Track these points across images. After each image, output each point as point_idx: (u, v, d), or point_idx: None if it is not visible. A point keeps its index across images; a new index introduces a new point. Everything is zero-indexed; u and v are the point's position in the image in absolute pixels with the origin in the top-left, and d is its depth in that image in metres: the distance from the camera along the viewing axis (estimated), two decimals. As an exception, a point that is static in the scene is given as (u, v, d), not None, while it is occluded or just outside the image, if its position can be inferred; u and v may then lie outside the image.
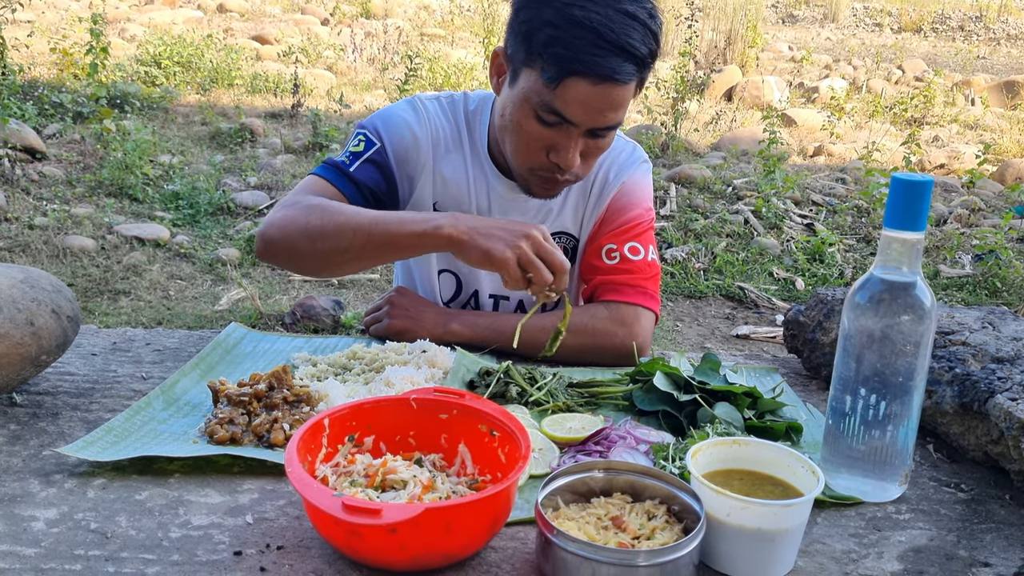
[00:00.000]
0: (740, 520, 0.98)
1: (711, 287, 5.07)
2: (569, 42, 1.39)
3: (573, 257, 1.80)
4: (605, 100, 1.43)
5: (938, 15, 17.01)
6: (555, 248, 1.37)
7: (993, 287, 5.13)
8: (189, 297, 4.65)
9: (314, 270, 1.58)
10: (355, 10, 13.72)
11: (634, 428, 1.28)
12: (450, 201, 1.73)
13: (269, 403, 1.28)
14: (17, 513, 1.05)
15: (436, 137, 1.71)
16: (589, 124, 1.46)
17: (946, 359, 1.32)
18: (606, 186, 1.74)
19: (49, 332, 1.26)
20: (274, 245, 1.55)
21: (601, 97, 1.43)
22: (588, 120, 1.46)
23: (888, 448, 1.15)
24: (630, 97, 1.48)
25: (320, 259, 1.52)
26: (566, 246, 1.78)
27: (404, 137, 1.69)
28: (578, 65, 1.39)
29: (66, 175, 6.04)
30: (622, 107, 1.48)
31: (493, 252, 1.35)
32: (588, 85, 1.41)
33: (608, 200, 1.74)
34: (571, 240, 1.78)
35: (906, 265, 1.11)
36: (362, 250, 1.48)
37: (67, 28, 9.62)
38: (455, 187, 1.72)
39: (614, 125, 1.50)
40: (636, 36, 1.40)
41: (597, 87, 1.41)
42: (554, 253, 1.36)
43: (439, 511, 0.93)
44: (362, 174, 1.64)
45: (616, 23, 1.38)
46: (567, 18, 1.39)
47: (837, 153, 8.27)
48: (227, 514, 1.08)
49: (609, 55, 1.39)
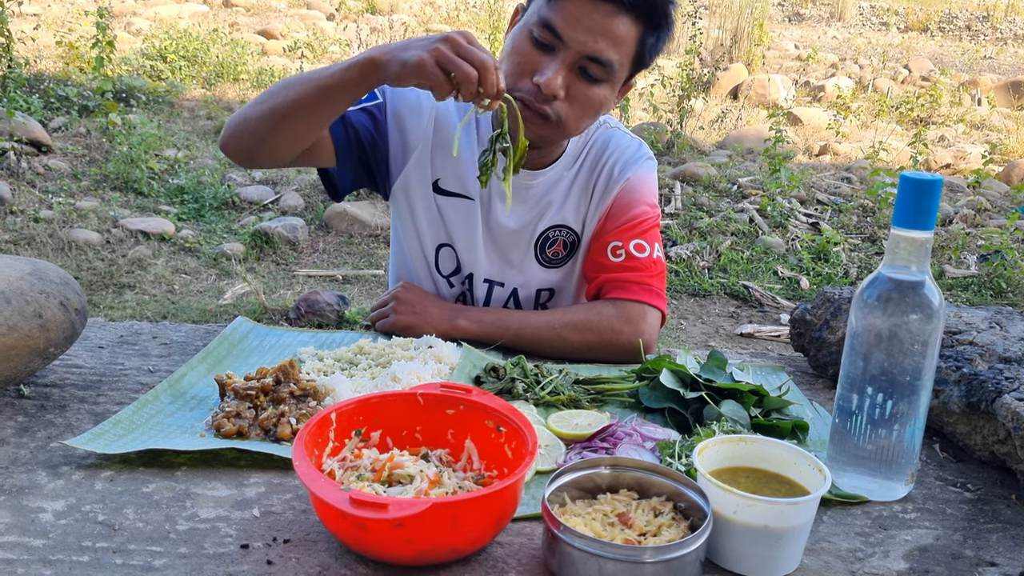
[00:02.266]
0: (746, 518, 0.98)
1: (715, 285, 5.07)
2: None
3: (573, 252, 1.79)
4: (600, 23, 1.46)
5: (945, 14, 16.96)
6: (479, 48, 1.29)
7: (998, 287, 5.12)
8: (194, 291, 4.65)
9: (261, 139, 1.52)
10: (361, 5, 13.72)
11: (640, 425, 1.28)
12: (453, 180, 1.73)
13: (276, 397, 1.28)
14: (25, 504, 1.06)
15: (445, 114, 1.72)
16: (579, 47, 1.47)
17: (953, 359, 1.32)
18: (611, 181, 1.74)
19: (57, 324, 1.26)
20: (230, 123, 1.56)
21: (597, 18, 1.45)
22: (579, 41, 1.47)
23: (895, 447, 1.15)
24: (629, 39, 1.49)
25: (267, 122, 1.48)
26: (566, 239, 1.77)
27: (409, 102, 1.71)
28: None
29: (71, 168, 6.04)
30: (618, 44, 1.48)
31: (408, 59, 1.29)
32: (587, 1, 1.44)
33: (613, 196, 1.73)
34: (571, 234, 1.77)
35: (915, 264, 1.11)
36: (302, 100, 1.44)
37: (73, 21, 9.61)
38: (460, 166, 1.72)
39: (605, 61, 1.49)
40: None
41: (595, 4, 1.44)
42: (474, 51, 1.28)
43: (446, 506, 0.93)
44: (354, 116, 1.67)
45: None
46: None
47: (843, 152, 8.26)
48: (234, 507, 1.08)
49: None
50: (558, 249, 1.77)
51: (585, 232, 1.78)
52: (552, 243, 1.76)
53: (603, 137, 1.77)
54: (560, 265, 1.79)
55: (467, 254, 1.77)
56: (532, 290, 1.80)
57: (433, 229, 1.78)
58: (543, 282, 1.80)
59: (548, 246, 1.77)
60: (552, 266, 1.78)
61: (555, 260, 1.78)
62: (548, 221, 1.75)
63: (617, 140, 1.77)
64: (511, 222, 1.74)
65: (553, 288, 1.81)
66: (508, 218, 1.74)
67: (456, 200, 1.74)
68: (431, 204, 1.75)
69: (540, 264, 1.78)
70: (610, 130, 1.78)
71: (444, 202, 1.75)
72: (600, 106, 1.57)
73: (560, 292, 1.82)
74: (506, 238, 1.76)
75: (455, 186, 1.73)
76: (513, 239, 1.76)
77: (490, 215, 1.74)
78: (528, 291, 1.79)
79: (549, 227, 1.76)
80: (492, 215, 1.74)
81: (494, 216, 1.74)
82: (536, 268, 1.78)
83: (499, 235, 1.76)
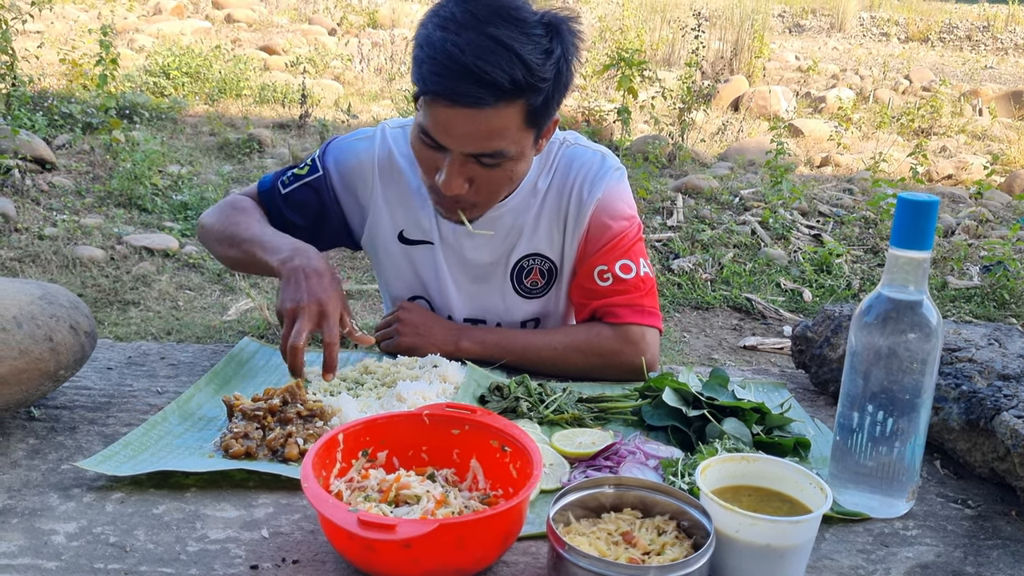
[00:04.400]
0: (749, 536, 0.99)
1: (718, 298, 5.08)
2: (427, 63, 1.40)
3: (551, 280, 1.76)
4: (469, 127, 1.41)
5: (945, 25, 17.03)
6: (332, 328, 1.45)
7: (1001, 299, 5.13)
8: (198, 307, 4.67)
9: (224, 264, 1.76)
10: (362, 20, 13.79)
11: (643, 443, 1.29)
12: (414, 226, 1.74)
13: (283, 418, 1.30)
14: (37, 527, 1.07)
15: (387, 166, 1.72)
16: (460, 148, 1.45)
17: (952, 376, 1.33)
18: (581, 206, 1.69)
19: (67, 348, 1.28)
20: (201, 239, 1.78)
21: (462, 121, 1.41)
22: (456, 144, 1.44)
23: (895, 464, 1.17)
24: (508, 121, 1.43)
25: (224, 259, 1.73)
26: (541, 268, 1.75)
27: (351, 167, 1.74)
28: (431, 86, 1.40)
29: (75, 185, 6.08)
30: (497, 133, 1.43)
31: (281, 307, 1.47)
32: (447, 107, 1.41)
33: (587, 219, 1.69)
34: (547, 262, 1.75)
35: (913, 283, 1.13)
36: (247, 265, 1.65)
37: (76, 39, 9.68)
38: (415, 212, 1.73)
39: (494, 153, 1.46)
40: (495, 62, 1.36)
41: (456, 110, 1.40)
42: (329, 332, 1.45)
43: (453, 526, 0.95)
44: (296, 197, 1.75)
45: (476, 49, 1.36)
46: (430, 40, 1.40)
47: (844, 163, 8.28)
48: (243, 528, 1.09)
49: (460, 80, 1.37)
50: (535, 279, 1.75)
51: (565, 261, 1.74)
52: (528, 272, 1.74)
53: (565, 157, 1.72)
54: (540, 295, 1.77)
55: (440, 298, 1.78)
56: (516, 322, 1.79)
57: (403, 281, 1.80)
58: (526, 313, 1.79)
59: (525, 276, 1.75)
60: (532, 296, 1.77)
61: (534, 290, 1.77)
62: (521, 250, 1.73)
63: (580, 158, 1.71)
64: (483, 256, 1.73)
65: (538, 318, 1.80)
66: (480, 252, 1.73)
67: (421, 247, 1.75)
68: (399, 255, 1.77)
69: (519, 295, 1.77)
70: (571, 148, 1.73)
71: (411, 251, 1.76)
72: (513, 176, 1.55)
73: (545, 320, 1.81)
74: (481, 272, 1.75)
75: (417, 234, 1.75)
76: (489, 272, 1.75)
77: (460, 253, 1.74)
78: (512, 324, 1.79)
79: (523, 256, 1.73)
80: (461, 254, 1.74)
81: (463, 254, 1.73)
82: (517, 300, 1.77)
83: (473, 271, 1.75)
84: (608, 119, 7.99)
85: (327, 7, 14.52)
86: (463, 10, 1.39)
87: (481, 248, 1.73)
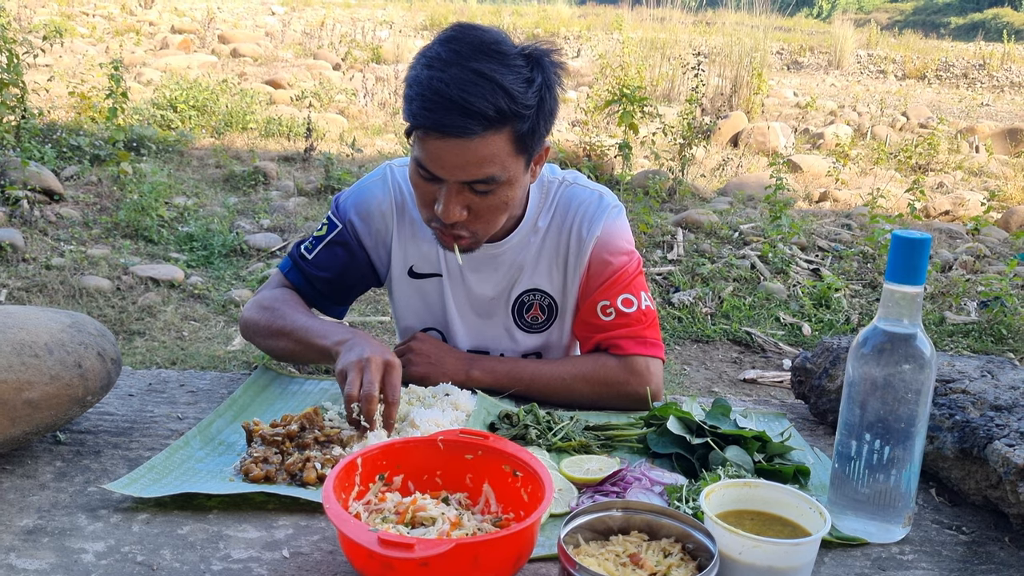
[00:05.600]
0: (751, 558, 1.04)
1: (718, 331, 5.13)
2: (416, 100, 1.47)
3: (552, 315, 1.82)
4: (459, 154, 1.48)
5: (942, 62, 17.24)
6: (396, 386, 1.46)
7: (999, 334, 5.18)
8: (203, 338, 4.72)
9: (274, 357, 1.79)
10: (366, 55, 13.97)
11: (649, 470, 1.34)
12: (425, 263, 1.80)
13: (301, 443, 1.35)
14: (67, 546, 1.12)
15: (400, 203, 1.78)
16: (454, 177, 1.50)
17: (947, 406, 1.38)
18: (581, 244, 1.74)
19: (95, 374, 1.33)
20: (246, 335, 1.81)
21: (453, 151, 1.47)
22: (450, 173, 1.50)
23: (892, 491, 1.21)
24: (497, 148, 1.49)
25: (274, 352, 1.76)
26: (541, 304, 1.80)
27: (372, 212, 1.79)
28: (421, 121, 1.47)
29: (83, 216, 6.15)
30: (488, 160, 1.49)
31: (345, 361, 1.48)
32: (437, 140, 1.47)
33: (587, 257, 1.74)
34: (547, 298, 1.80)
35: (907, 317, 1.18)
36: (298, 354, 1.70)
37: (85, 72, 9.81)
38: (426, 248, 1.78)
39: (486, 179, 1.51)
40: (479, 93, 1.43)
41: (446, 141, 1.46)
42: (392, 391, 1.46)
43: (469, 546, 0.99)
44: (322, 259, 1.80)
45: (460, 82, 1.43)
46: (418, 79, 1.48)
47: (843, 199, 8.36)
48: (264, 548, 1.14)
49: (446, 111, 1.44)
50: (536, 314, 1.81)
51: (567, 297, 1.80)
52: (528, 307, 1.80)
53: (564, 197, 1.77)
54: (541, 330, 1.83)
55: (446, 330, 1.84)
56: (519, 355, 1.84)
57: (414, 313, 1.85)
58: (528, 347, 1.84)
59: (525, 311, 1.80)
60: (533, 331, 1.82)
61: (535, 325, 1.82)
62: (522, 286, 1.78)
63: (578, 197, 1.77)
64: (487, 290, 1.79)
65: (540, 351, 1.85)
66: (483, 286, 1.78)
67: (430, 280, 1.81)
68: (409, 289, 1.83)
69: (521, 329, 1.82)
70: (570, 187, 1.78)
71: (421, 285, 1.82)
72: (509, 202, 1.59)
73: (547, 354, 1.86)
74: (484, 306, 1.81)
75: (426, 267, 1.80)
76: (492, 307, 1.81)
77: (465, 287, 1.79)
78: (515, 356, 1.84)
79: (524, 291, 1.79)
80: (466, 286, 1.79)
81: (468, 287, 1.79)
82: (519, 333, 1.83)
83: (477, 305, 1.81)
84: (609, 154, 8.08)
85: (332, 43, 14.72)
86: (448, 49, 1.48)
87: (484, 283, 1.79)
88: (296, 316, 1.70)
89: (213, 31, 14.25)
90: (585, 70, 13.73)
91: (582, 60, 14.86)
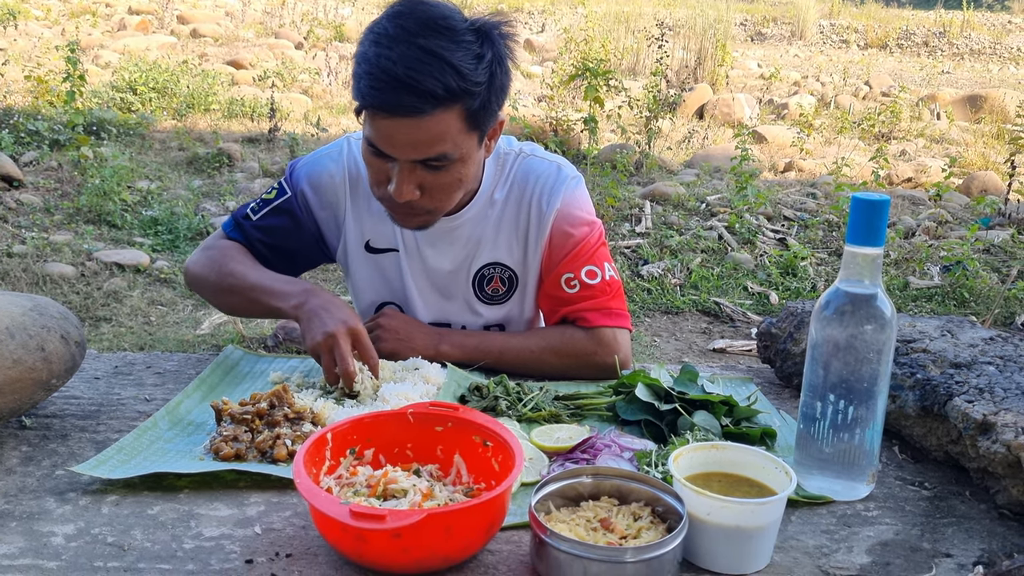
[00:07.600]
0: (719, 518, 1.05)
1: (687, 302, 5.17)
2: (364, 78, 1.45)
3: (512, 287, 1.81)
4: (409, 133, 1.45)
5: (903, 31, 17.36)
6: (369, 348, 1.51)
7: (961, 297, 5.27)
8: (171, 322, 4.68)
9: (223, 311, 1.82)
10: (329, 34, 13.82)
11: (618, 437, 1.35)
12: (381, 238, 1.78)
13: (271, 420, 1.34)
14: (36, 529, 1.11)
15: (355, 177, 1.76)
16: (405, 156, 1.49)
17: (908, 365, 1.41)
18: (542, 216, 1.73)
19: (59, 357, 1.32)
20: (192, 287, 1.81)
21: (403, 130, 1.45)
22: (401, 152, 1.48)
23: (856, 450, 1.23)
24: (448, 125, 1.47)
25: (223, 307, 1.79)
26: (502, 276, 1.80)
27: (324, 184, 1.77)
28: (369, 100, 1.45)
29: (44, 202, 6.05)
30: (439, 138, 1.47)
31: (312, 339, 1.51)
32: (386, 119, 1.45)
33: (548, 230, 1.74)
34: (507, 271, 1.79)
35: (867, 278, 1.20)
36: (248, 308, 1.71)
37: (41, 56, 9.62)
38: (382, 223, 1.76)
39: (438, 157, 1.49)
40: (427, 72, 1.41)
41: (396, 120, 1.44)
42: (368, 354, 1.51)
43: (441, 516, 1.00)
44: (265, 222, 1.77)
45: (408, 60, 1.41)
46: (366, 57, 1.45)
47: (807, 168, 8.43)
48: (236, 525, 1.14)
49: (394, 91, 1.41)
50: (496, 286, 1.80)
51: (529, 271, 1.79)
52: (489, 280, 1.79)
53: (522, 169, 1.76)
54: (502, 301, 1.82)
55: (405, 305, 1.83)
56: (480, 328, 1.84)
57: (372, 289, 1.84)
58: (490, 319, 1.84)
59: (486, 284, 1.80)
60: (495, 303, 1.82)
61: (496, 297, 1.81)
62: (482, 260, 1.78)
63: (536, 169, 1.76)
64: (444, 264, 1.78)
65: (502, 323, 1.85)
66: (441, 260, 1.77)
67: (387, 255, 1.80)
68: (367, 264, 1.81)
69: (482, 301, 1.82)
70: (527, 159, 1.77)
71: (378, 260, 1.81)
72: (463, 179, 1.57)
73: (509, 326, 1.86)
74: (442, 280, 1.80)
75: (383, 242, 1.79)
76: (451, 280, 1.80)
77: (423, 262, 1.78)
78: (477, 328, 1.84)
79: (484, 265, 1.78)
80: (423, 261, 1.78)
81: (424, 261, 1.78)
82: (480, 306, 1.82)
83: (435, 279, 1.80)
84: (575, 129, 8.07)
85: (293, 21, 14.53)
86: (395, 25, 1.45)
87: (441, 256, 1.78)
88: (247, 273, 1.69)
89: (172, 11, 14.00)
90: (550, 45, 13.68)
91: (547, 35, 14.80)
